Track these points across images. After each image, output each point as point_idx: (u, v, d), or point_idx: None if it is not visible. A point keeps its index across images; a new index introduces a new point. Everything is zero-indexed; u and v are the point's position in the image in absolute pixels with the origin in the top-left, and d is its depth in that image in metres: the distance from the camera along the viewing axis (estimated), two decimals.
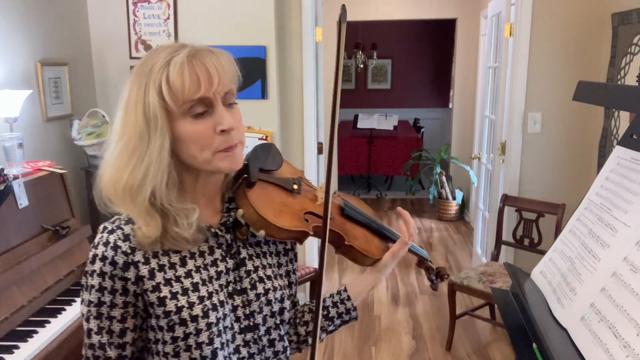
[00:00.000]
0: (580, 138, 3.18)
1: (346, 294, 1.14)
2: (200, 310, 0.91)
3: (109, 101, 3.33)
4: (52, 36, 2.88)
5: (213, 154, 0.89)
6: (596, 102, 1.12)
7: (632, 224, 0.85)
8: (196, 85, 0.85)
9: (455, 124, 6.06)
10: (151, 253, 0.91)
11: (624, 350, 0.72)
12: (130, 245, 0.89)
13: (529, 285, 1.06)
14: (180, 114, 0.87)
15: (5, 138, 2.29)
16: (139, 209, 0.88)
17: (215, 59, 0.88)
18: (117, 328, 0.91)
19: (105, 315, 0.90)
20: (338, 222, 1.08)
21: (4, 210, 2.01)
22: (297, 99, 3.36)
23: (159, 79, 0.85)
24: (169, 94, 0.85)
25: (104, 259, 0.89)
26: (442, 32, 8.40)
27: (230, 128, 0.88)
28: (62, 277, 2.18)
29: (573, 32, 3.07)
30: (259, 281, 0.99)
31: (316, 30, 3.35)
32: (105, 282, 0.89)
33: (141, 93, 0.87)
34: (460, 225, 5.58)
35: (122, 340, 0.92)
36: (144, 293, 0.90)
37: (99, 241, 0.90)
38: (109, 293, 0.89)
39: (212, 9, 3.16)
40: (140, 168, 0.86)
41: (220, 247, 0.97)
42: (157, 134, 0.86)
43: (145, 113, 0.86)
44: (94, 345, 0.92)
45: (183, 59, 0.85)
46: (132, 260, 0.89)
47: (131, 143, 0.87)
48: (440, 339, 3.25)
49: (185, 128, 0.87)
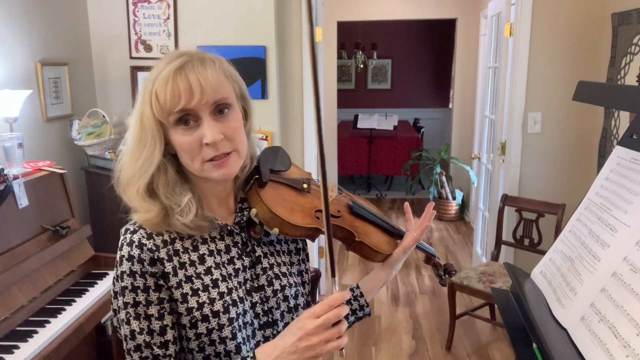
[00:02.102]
0: (580, 138, 3.18)
1: (359, 290, 1.20)
2: (221, 306, 0.94)
3: (109, 101, 3.33)
4: (52, 36, 2.88)
5: (202, 163, 0.92)
6: (596, 102, 1.12)
7: (632, 224, 0.85)
8: (177, 98, 0.88)
9: (455, 124, 6.06)
10: (172, 251, 0.94)
11: (624, 350, 0.72)
12: (155, 243, 0.93)
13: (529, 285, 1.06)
14: (171, 124, 0.91)
15: (5, 138, 2.29)
16: (135, 197, 0.93)
17: (203, 72, 0.90)
18: (157, 326, 0.92)
19: (143, 315, 0.91)
20: (348, 220, 1.11)
21: (4, 210, 2.02)
22: (297, 99, 3.36)
23: (150, 91, 0.90)
24: (156, 106, 0.90)
25: (131, 259, 0.91)
26: (442, 32, 8.40)
27: (213, 142, 0.90)
28: (62, 277, 2.19)
29: (573, 32, 3.07)
30: (275, 278, 1.03)
31: (316, 30, 3.35)
32: (137, 282, 0.91)
33: (139, 101, 0.93)
34: (460, 225, 5.58)
35: (163, 338, 0.92)
36: (170, 289, 0.93)
37: (123, 242, 0.93)
38: (142, 292, 0.91)
39: (212, 9, 3.16)
40: (131, 169, 0.93)
41: (236, 245, 1.01)
42: (149, 141, 0.91)
43: (141, 121, 0.92)
44: (140, 347, 0.92)
45: (169, 73, 0.89)
46: (158, 257, 0.92)
47: (131, 146, 0.94)
48: (440, 339, 3.25)
49: (176, 138, 0.92)
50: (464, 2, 5.69)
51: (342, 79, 9.07)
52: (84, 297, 2.14)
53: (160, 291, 0.92)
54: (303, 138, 3.42)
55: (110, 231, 2.91)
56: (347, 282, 4.16)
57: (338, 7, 5.70)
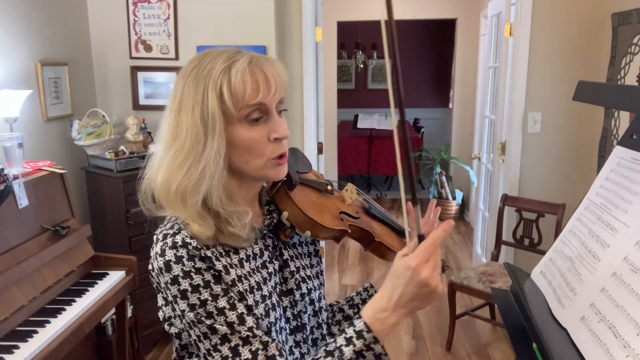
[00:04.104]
0: (580, 138, 3.18)
1: (373, 289, 1.17)
2: (263, 309, 0.91)
3: (109, 101, 3.33)
4: (52, 36, 2.88)
5: (265, 161, 0.90)
6: (596, 102, 1.12)
7: (632, 224, 0.84)
8: (255, 91, 0.86)
9: (455, 124, 6.06)
10: (218, 253, 0.88)
11: (624, 350, 0.72)
12: (198, 244, 0.86)
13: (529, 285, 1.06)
14: (237, 119, 0.87)
15: (5, 138, 2.29)
16: (190, 212, 0.86)
17: (272, 67, 0.89)
18: (233, 317, 0.84)
19: (215, 312, 0.84)
20: (365, 220, 1.12)
21: (4, 210, 2.02)
22: (297, 99, 3.36)
23: (219, 83, 0.85)
24: (230, 98, 0.85)
25: (179, 260, 0.84)
26: (442, 32, 8.40)
27: (284, 136, 0.90)
28: (62, 277, 2.19)
29: (573, 32, 3.07)
30: (302, 281, 1.01)
31: (316, 30, 3.35)
32: (194, 280, 0.84)
33: (199, 96, 0.86)
34: (460, 225, 5.58)
35: (246, 326, 0.84)
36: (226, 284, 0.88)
37: (164, 248, 0.85)
38: (204, 288, 0.84)
39: (212, 9, 3.16)
40: (196, 170, 0.85)
41: (267, 249, 0.98)
42: (215, 137, 0.85)
43: (202, 116, 0.85)
44: (226, 338, 0.84)
45: (244, 65, 0.86)
46: (205, 254, 0.86)
47: (186, 145, 0.86)
48: (440, 339, 3.25)
49: (241, 133, 0.88)
50: (464, 2, 5.69)
51: (342, 79, 9.07)
52: (84, 297, 2.14)
53: (221, 283, 0.85)
54: (303, 138, 3.42)
55: (110, 231, 2.92)
56: (347, 282, 4.16)
57: (338, 7, 5.70)
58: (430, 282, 0.80)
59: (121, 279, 2.34)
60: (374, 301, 0.84)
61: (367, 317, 0.84)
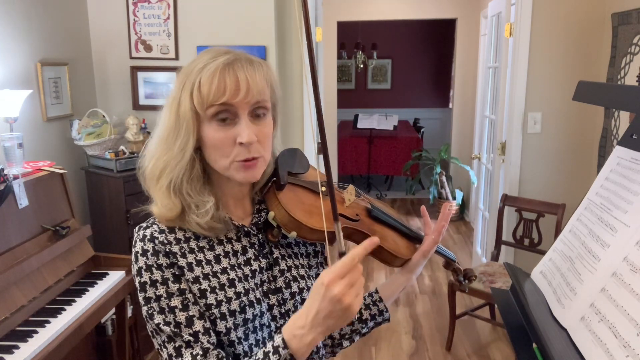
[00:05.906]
0: (580, 138, 3.18)
1: (378, 295, 1.16)
2: (238, 306, 0.93)
3: (109, 101, 3.33)
4: (52, 36, 2.88)
5: (230, 162, 0.92)
6: (596, 102, 1.12)
7: (632, 224, 0.84)
8: (221, 92, 0.88)
9: (455, 124, 6.06)
10: (187, 249, 0.93)
11: (624, 350, 0.72)
12: (167, 238, 0.92)
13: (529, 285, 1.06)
14: (207, 118, 0.90)
15: (5, 138, 2.29)
16: (159, 192, 0.93)
17: (251, 72, 0.90)
18: (182, 318, 0.89)
19: (167, 309, 0.89)
20: (366, 223, 1.09)
21: (4, 210, 2.02)
22: (297, 99, 3.36)
23: (192, 81, 0.89)
24: (197, 96, 0.89)
25: (145, 253, 0.90)
26: (442, 32, 8.40)
27: (248, 142, 0.90)
28: (62, 277, 2.19)
29: (573, 32, 3.07)
30: (293, 280, 1.01)
31: (316, 30, 3.35)
32: (154, 275, 0.89)
33: (178, 92, 0.92)
34: (460, 225, 5.58)
35: (192, 329, 0.89)
36: (187, 282, 0.91)
37: (136, 239, 0.93)
38: (161, 284, 0.89)
39: (212, 9, 3.16)
40: (162, 160, 0.93)
41: (253, 246, 1.00)
42: (183, 132, 0.91)
43: (177, 111, 0.91)
44: (171, 338, 0.89)
45: (218, 66, 0.88)
46: (170, 250, 0.91)
47: (163, 136, 0.93)
48: (440, 339, 3.25)
49: (209, 132, 0.91)
50: (464, 2, 5.69)
51: (342, 79, 9.07)
52: (84, 297, 2.14)
53: (179, 282, 0.90)
54: (303, 138, 3.42)
55: (110, 231, 2.92)
56: None
57: (338, 7, 5.71)
58: (343, 299, 0.77)
59: (121, 279, 2.34)
60: (295, 317, 0.84)
61: (286, 333, 0.83)
